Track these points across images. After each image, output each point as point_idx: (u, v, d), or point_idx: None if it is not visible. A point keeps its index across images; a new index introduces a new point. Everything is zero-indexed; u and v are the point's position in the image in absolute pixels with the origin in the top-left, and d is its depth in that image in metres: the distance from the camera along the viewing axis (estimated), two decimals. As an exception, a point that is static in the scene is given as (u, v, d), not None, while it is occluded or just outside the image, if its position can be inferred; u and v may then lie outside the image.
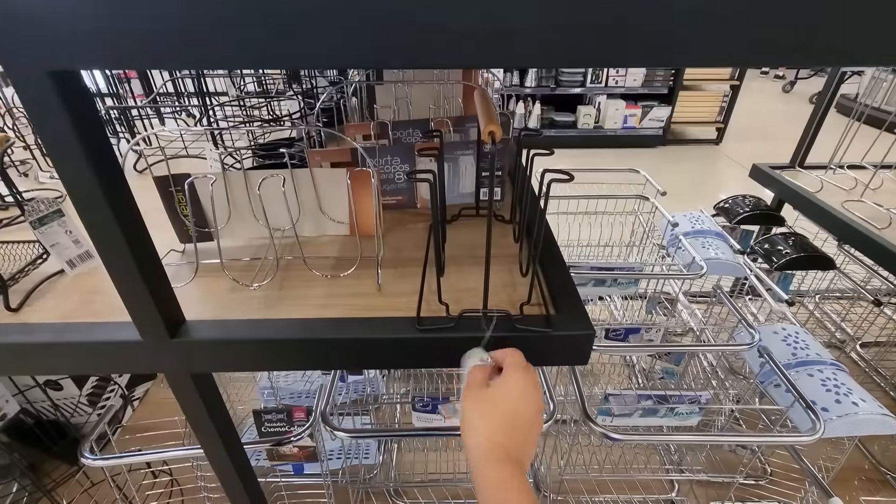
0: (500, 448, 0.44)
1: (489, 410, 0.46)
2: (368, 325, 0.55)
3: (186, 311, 0.58)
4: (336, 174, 0.67)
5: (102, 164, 0.42)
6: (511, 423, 0.45)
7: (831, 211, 1.40)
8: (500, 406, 0.46)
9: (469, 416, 0.46)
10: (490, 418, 0.45)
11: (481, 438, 0.44)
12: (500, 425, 0.45)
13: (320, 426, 0.90)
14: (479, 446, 0.44)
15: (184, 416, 0.63)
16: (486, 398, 0.47)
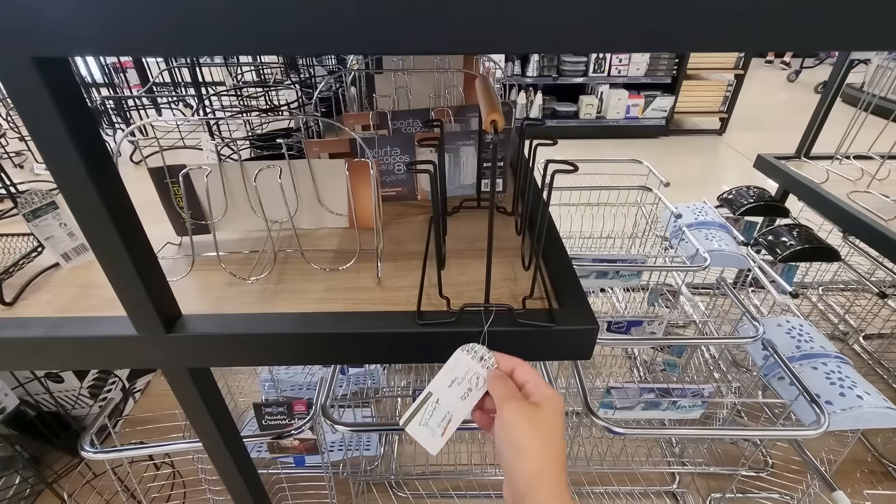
0: (564, 484, 0.40)
1: (549, 436, 0.42)
2: (368, 320, 0.54)
3: (183, 305, 0.57)
4: (334, 165, 0.66)
5: (92, 155, 0.41)
6: (563, 454, 0.42)
7: (837, 202, 1.38)
8: (557, 432, 0.43)
9: (527, 437, 0.41)
10: (552, 445, 0.42)
11: (546, 465, 0.40)
12: (560, 455, 0.42)
13: (320, 419, 0.89)
14: (548, 485, 0.40)
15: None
16: (542, 417, 0.43)
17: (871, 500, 0.97)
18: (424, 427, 0.49)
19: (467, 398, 0.48)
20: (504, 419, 0.43)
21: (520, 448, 0.41)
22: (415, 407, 0.49)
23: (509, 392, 0.45)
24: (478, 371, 0.49)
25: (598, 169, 1.53)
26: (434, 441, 0.48)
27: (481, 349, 0.50)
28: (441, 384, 0.49)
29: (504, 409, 0.44)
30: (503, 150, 0.77)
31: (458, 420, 0.48)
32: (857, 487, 1.20)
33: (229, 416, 0.66)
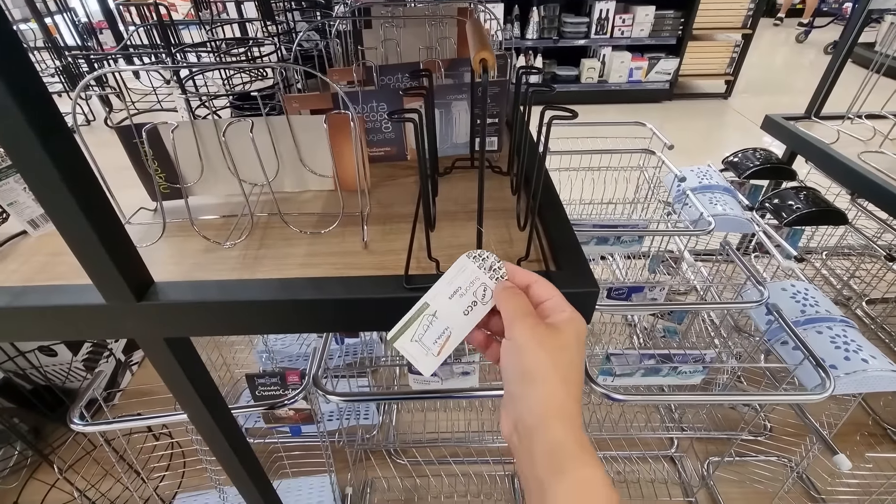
0: (580, 421, 0.35)
1: (567, 365, 0.36)
2: (352, 285, 0.51)
3: (157, 272, 0.53)
4: (314, 121, 0.61)
5: (39, 117, 0.36)
6: (580, 387, 0.37)
7: (847, 162, 1.33)
8: (577, 362, 0.37)
9: (542, 363, 0.36)
10: (570, 376, 0.36)
11: (562, 398, 0.35)
12: (577, 389, 0.36)
13: (314, 389, 0.87)
14: (563, 420, 0.34)
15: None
16: (560, 342, 0.37)
17: (872, 463, 0.96)
18: (417, 343, 0.42)
19: (470, 313, 0.42)
20: (515, 340, 0.37)
21: (533, 376, 0.36)
22: (407, 319, 0.42)
23: (522, 308, 0.39)
24: (485, 282, 0.42)
25: (599, 132, 1.47)
26: (428, 361, 0.42)
27: (491, 257, 0.42)
28: (440, 294, 0.42)
29: (515, 328, 0.38)
30: (498, 106, 0.72)
31: (458, 338, 0.42)
32: (856, 450, 1.20)
33: (214, 386, 0.63)
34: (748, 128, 3.61)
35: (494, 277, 0.42)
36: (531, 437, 0.34)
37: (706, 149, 3.27)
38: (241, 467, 0.72)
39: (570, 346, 0.37)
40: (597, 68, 3.85)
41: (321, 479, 1.18)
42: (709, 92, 4.18)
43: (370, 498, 1.23)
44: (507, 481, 1.26)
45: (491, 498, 1.21)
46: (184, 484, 1.23)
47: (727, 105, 4.03)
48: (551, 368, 0.35)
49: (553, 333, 0.37)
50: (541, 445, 0.34)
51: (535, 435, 0.34)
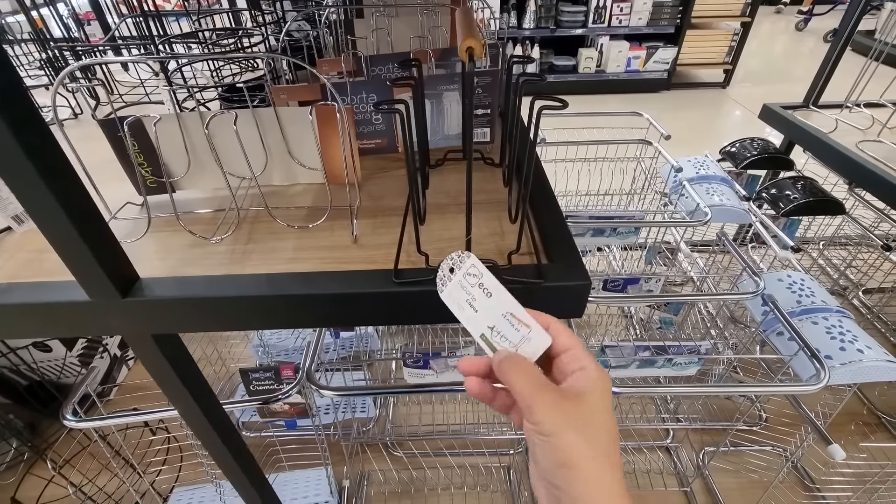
0: (625, 496, 0.32)
1: (605, 441, 0.33)
2: (340, 279, 0.50)
3: (143, 268, 0.53)
4: (302, 113, 0.60)
5: (11, 108, 0.35)
6: (619, 456, 0.34)
7: (845, 151, 1.32)
8: (610, 423, 0.34)
9: (577, 450, 0.32)
10: (607, 445, 0.33)
11: (605, 482, 0.32)
12: (617, 454, 0.33)
13: (308, 383, 0.87)
14: (601, 495, 0.31)
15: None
16: (589, 414, 0.33)
17: (866, 453, 0.96)
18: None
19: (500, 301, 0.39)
20: (540, 426, 0.33)
21: (570, 465, 0.32)
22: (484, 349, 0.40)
23: (535, 382, 0.35)
24: (480, 280, 0.40)
25: (595, 123, 1.46)
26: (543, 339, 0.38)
27: (461, 259, 0.40)
28: (475, 321, 0.39)
29: (535, 410, 0.33)
30: (490, 96, 0.70)
31: (522, 312, 0.39)
32: (850, 439, 1.20)
33: (204, 381, 0.63)
34: (746, 117, 3.59)
35: (472, 273, 0.40)
36: None
37: (704, 139, 3.25)
38: (234, 462, 0.72)
39: (600, 413, 0.34)
40: (594, 58, 3.82)
41: (317, 473, 1.18)
42: (707, 81, 4.15)
43: (367, 490, 1.23)
44: (503, 472, 1.26)
45: (487, 489, 1.22)
46: (181, 478, 1.24)
47: (725, 94, 4.01)
48: (588, 451, 0.32)
49: (579, 405, 0.34)
50: None
51: None
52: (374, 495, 1.22)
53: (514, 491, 1.21)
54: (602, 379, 0.35)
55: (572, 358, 0.36)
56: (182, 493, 1.17)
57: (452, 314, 0.41)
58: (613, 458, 0.33)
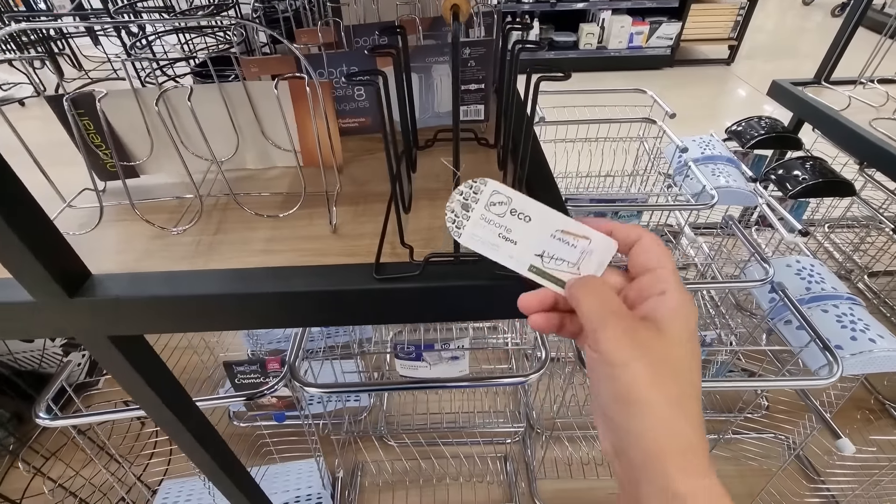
0: (703, 450, 0.26)
1: (683, 380, 0.27)
2: (316, 276, 0.45)
3: (99, 262, 0.47)
4: (270, 87, 0.53)
5: None
6: (698, 399, 0.28)
7: (857, 129, 1.26)
8: (692, 362, 0.28)
9: (646, 386, 0.27)
10: (683, 387, 0.27)
11: (679, 429, 0.26)
12: (695, 401, 0.27)
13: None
14: (670, 442, 0.26)
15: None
16: (666, 347, 0.28)
17: (876, 446, 0.94)
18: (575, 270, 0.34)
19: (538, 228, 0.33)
20: (604, 355, 0.28)
21: (635, 402, 0.27)
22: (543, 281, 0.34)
23: (608, 307, 0.29)
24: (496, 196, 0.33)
25: (597, 101, 1.39)
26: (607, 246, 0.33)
27: (476, 189, 0.33)
28: (517, 255, 0.33)
29: (601, 337, 0.28)
30: (483, 69, 0.64)
31: (576, 224, 0.33)
32: (855, 428, 1.18)
33: (173, 380, 0.58)
34: (751, 95, 3.50)
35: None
36: (638, 483, 0.26)
37: (708, 117, 3.17)
38: (212, 462, 0.67)
39: (679, 346, 0.28)
40: (596, 34, 3.69)
41: (309, 464, 1.15)
42: (711, 58, 4.03)
43: (361, 481, 1.21)
44: (499, 463, 1.24)
45: (483, 480, 1.19)
46: (170, 470, 1.21)
47: (730, 71, 3.90)
48: (658, 390, 0.27)
49: (655, 336, 0.28)
50: (655, 499, 0.25)
51: (643, 483, 0.26)
52: (369, 486, 1.20)
53: (511, 482, 1.19)
54: (685, 307, 0.29)
55: (655, 279, 0.30)
56: (171, 485, 1.15)
57: (439, 314, 0.36)
58: (689, 404, 0.27)
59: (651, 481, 0.25)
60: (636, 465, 0.26)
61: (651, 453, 0.26)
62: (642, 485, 0.26)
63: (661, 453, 0.26)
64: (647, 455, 0.26)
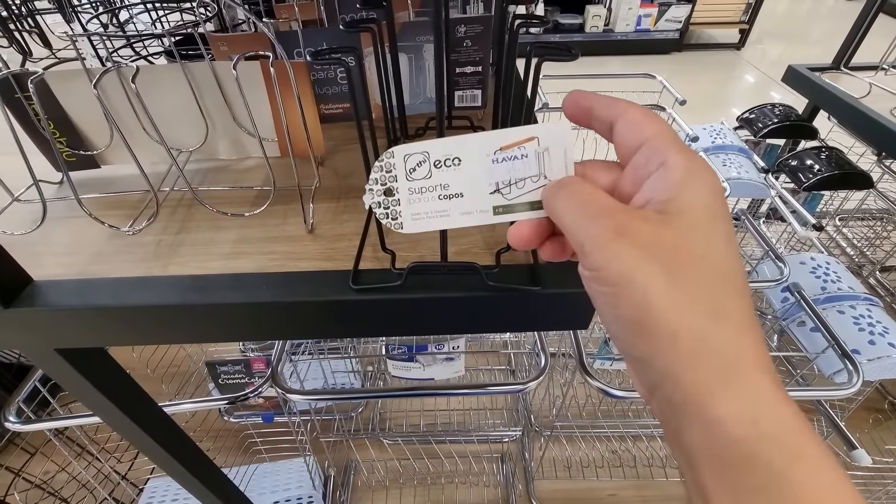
0: (771, 377, 0.19)
1: (701, 266, 0.20)
2: (285, 282, 0.40)
3: (45, 265, 0.43)
4: (247, 68, 0.48)
5: None
6: (739, 290, 0.21)
7: (877, 118, 1.19)
8: (720, 244, 0.21)
9: (652, 292, 0.20)
10: (709, 282, 0.20)
11: (706, 340, 0.19)
12: (735, 294, 0.20)
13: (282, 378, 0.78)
14: (704, 362, 0.19)
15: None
16: (679, 235, 0.20)
17: (892, 456, 0.89)
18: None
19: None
20: (599, 270, 0.21)
21: (651, 324, 0.20)
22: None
23: (588, 210, 0.22)
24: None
25: (604, 86, 1.32)
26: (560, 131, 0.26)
27: (388, 163, 0.27)
28: (471, 206, 0.27)
29: (590, 249, 0.21)
30: (481, 50, 0.58)
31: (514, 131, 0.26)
32: (866, 432, 1.14)
33: (135, 388, 0.53)
34: (762, 81, 3.40)
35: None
36: (678, 419, 0.20)
37: (717, 105, 3.07)
38: (182, 469, 0.63)
39: (698, 230, 0.20)
40: (602, 16, 3.58)
41: (299, 463, 1.12)
42: (721, 42, 3.92)
43: (353, 481, 1.18)
44: (496, 464, 1.20)
45: (479, 482, 1.16)
46: (156, 469, 1.17)
47: (740, 56, 3.78)
48: (679, 303, 0.19)
49: (661, 226, 0.20)
50: (697, 436, 0.19)
51: (684, 418, 0.19)
52: (361, 486, 1.16)
53: (508, 482, 1.15)
54: (697, 175, 0.21)
55: (650, 152, 0.22)
56: (157, 484, 1.11)
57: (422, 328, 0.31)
58: (729, 307, 0.20)
59: (694, 420, 0.19)
60: (675, 405, 0.20)
61: (688, 392, 0.19)
62: (684, 427, 0.20)
63: (701, 389, 0.19)
64: (685, 394, 0.19)
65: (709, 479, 0.19)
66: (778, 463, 0.17)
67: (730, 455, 0.18)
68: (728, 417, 0.18)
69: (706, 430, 0.19)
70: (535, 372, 0.70)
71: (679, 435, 0.20)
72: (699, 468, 0.19)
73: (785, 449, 0.18)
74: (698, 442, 0.19)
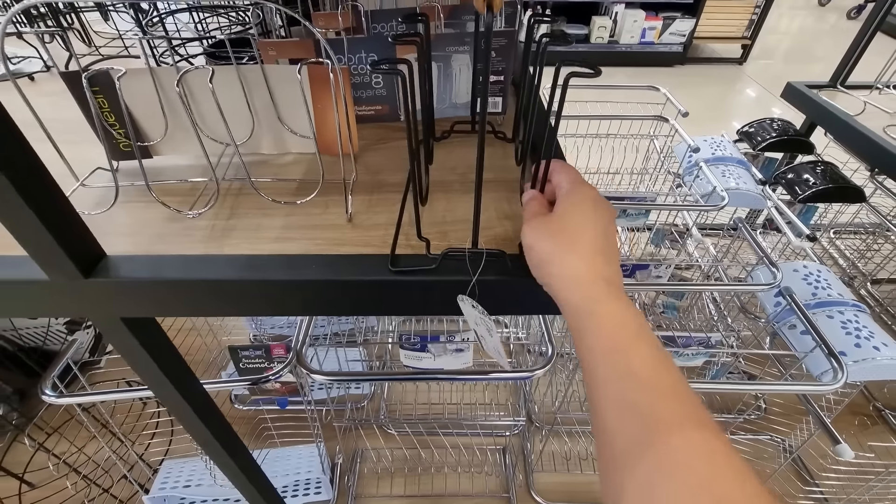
0: (606, 282, 0.36)
1: (573, 237, 0.38)
2: (332, 264, 0.45)
3: (113, 243, 0.47)
4: (289, 72, 0.53)
5: None
6: (605, 245, 0.38)
7: (871, 135, 1.25)
8: (587, 229, 0.38)
9: (545, 251, 0.38)
10: (578, 245, 0.37)
11: (579, 271, 0.36)
12: (595, 251, 0.37)
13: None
14: (578, 281, 0.36)
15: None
16: (560, 224, 0.39)
17: (873, 452, 0.94)
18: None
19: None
20: (525, 243, 0.40)
21: (545, 262, 0.38)
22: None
23: (529, 212, 0.42)
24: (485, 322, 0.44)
25: (608, 97, 1.38)
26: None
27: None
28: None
29: (523, 233, 0.41)
30: (504, 61, 0.63)
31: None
32: (852, 433, 1.19)
33: (182, 363, 0.58)
34: (763, 96, 3.47)
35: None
36: (567, 315, 0.37)
37: (718, 118, 3.14)
38: (215, 442, 0.68)
39: (571, 215, 0.39)
40: (608, 27, 3.65)
41: (309, 449, 1.16)
42: (724, 57, 3.99)
43: (360, 468, 1.22)
44: (498, 455, 1.25)
45: (482, 471, 1.21)
46: (171, 451, 1.22)
47: (742, 71, 3.86)
48: (555, 248, 0.38)
49: (553, 219, 0.40)
50: (590, 326, 0.35)
51: (566, 311, 0.37)
52: (367, 473, 1.21)
53: (509, 474, 1.20)
54: (574, 188, 0.40)
55: (559, 189, 0.42)
56: (172, 465, 1.15)
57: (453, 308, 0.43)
58: (587, 254, 0.37)
59: (568, 309, 0.37)
60: (561, 302, 0.38)
61: (555, 292, 0.38)
62: (569, 316, 0.37)
63: (561, 288, 0.37)
64: (556, 294, 0.38)
65: (574, 336, 0.36)
66: (589, 308, 0.35)
67: (576, 318, 0.36)
68: (576, 304, 0.36)
69: (569, 313, 0.37)
70: (542, 362, 0.75)
71: (570, 320, 0.37)
72: (574, 334, 0.37)
73: (594, 303, 0.35)
74: (569, 322, 0.37)
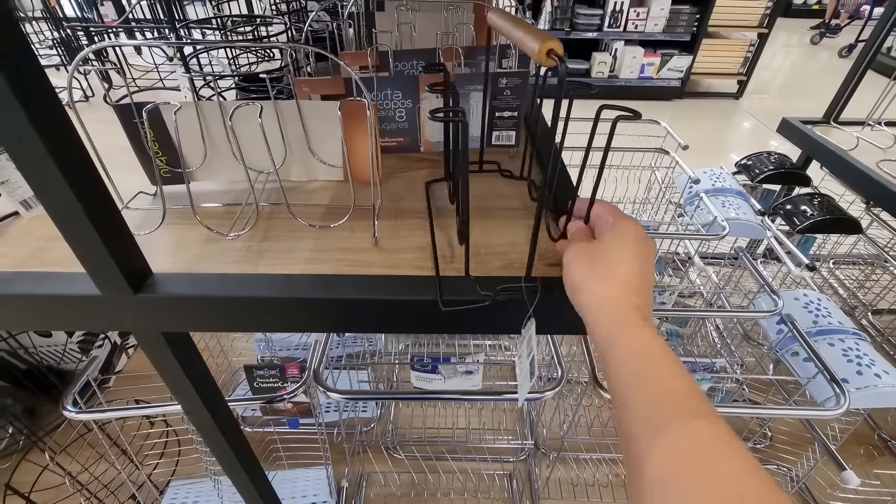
0: (635, 310, 0.38)
1: (611, 265, 0.41)
2: (363, 284, 0.48)
3: (156, 262, 0.51)
4: (327, 108, 0.58)
5: (31, 93, 0.33)
6: (641, 279, 0.40)
7: (865, 170, 1.30)
8: (624, 259, 0.41)
9: (581, 278, 0.41)
10: (614, 272, 0.40)
11: (610, 300, 0.39)
12: (626, 280, 0.40)
13: (314, 383, 0.85)
14: (608, 310, 0.39)
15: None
16: (600, 252, 0.42)
17: (879, 480, 0.95)
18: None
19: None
20: (564, 263, 0.44)
21: (579, 289, 0.41)
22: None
23: (575, 238, 0.46)
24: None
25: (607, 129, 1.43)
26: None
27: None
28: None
29: (565, 255, 0.44)
30: (518, 98, 0.68)
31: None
32: (858, 462, 1.19)
33: (211, 379, 0.61)
34: (759, 130, 3.57)
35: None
36: (593, 335, 0.40)
37: (716, 150, 3.22)
38: (235, 460, 0.70)
39: (611, 249, 0.41)
40: (608, 63, 3.79)
41: (317, 472, 1.16)
42: (720, 91, 4.12)
43: (366, 492, 1.22)
44: (505, 480, 1.24)
45: (489, 497, 1.20)
46: (178, 472, 1.22)
47: (738, 106, 3.98)
48: (592, 272, 0.41)
49: (594, 246, 0.43)
50: (617, 353, 0.37)
51: (595, 333, 0.40)
52: (373, 497, 1.20)
53: (516, 500, 1.19)
54: (619, 225, 0.43)
55: (601, 222, 0.45)
56: (179, 486, 1.16)
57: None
58: (621, 281, 0.40)
59: (606, 341, 0.38)
60: (590, 328, 0.40)
61: (588, 313, 0.40)
62: (604, 344, 0.38)
63: (593, 310, 0.40)
64: (587, 315, 0.40)
65: (602, 360, 0.39)
66: (612, 334, 0.38)
67: (603, 343, 0.38)
68: (605, 329, 0.39)
69: (597, 338, 0.39)
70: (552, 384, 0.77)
71: (597, 343, 0.40)
72: (601, 357, 0.39)
73: (620, 329, 0.38)
74: (597, 346, 0.39)
